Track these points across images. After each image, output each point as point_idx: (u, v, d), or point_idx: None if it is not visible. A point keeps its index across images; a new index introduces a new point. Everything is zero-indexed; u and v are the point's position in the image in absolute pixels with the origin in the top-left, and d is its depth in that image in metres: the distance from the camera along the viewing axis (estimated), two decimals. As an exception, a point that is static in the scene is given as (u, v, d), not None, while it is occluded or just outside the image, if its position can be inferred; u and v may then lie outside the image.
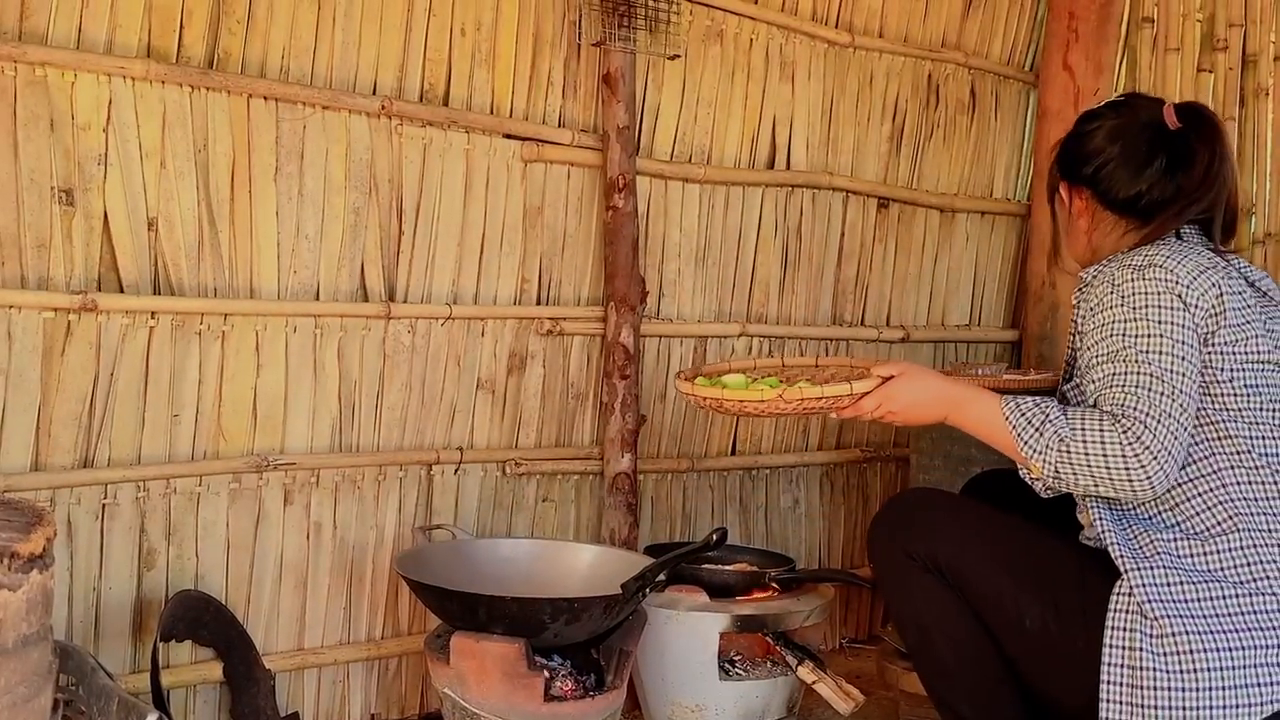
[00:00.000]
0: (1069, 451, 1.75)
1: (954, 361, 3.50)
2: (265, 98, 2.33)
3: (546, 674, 2.15)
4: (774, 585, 2.63)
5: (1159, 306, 1.80)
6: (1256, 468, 1.80)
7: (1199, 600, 1.74)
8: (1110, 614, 1.76)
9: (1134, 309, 1.81)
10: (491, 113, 2.64)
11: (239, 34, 2.31)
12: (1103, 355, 1.81)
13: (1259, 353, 1.84)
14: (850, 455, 3.33)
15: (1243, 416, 1.82)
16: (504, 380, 2.70)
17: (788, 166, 3.14)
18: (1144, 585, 1.75)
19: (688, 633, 2.49)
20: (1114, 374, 1.78)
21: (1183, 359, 1.77)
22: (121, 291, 2.21)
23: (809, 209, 3.18)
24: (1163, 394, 1.74)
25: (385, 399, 2.53)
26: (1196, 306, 1.80)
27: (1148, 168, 1.98)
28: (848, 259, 3.28)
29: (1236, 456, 1.81)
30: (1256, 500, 1.79)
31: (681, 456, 3.01)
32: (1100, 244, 2.06)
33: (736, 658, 2.55)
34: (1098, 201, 2.04)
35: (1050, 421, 1.78)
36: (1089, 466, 1.74)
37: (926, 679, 2.04)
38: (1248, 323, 1.84)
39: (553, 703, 2.12)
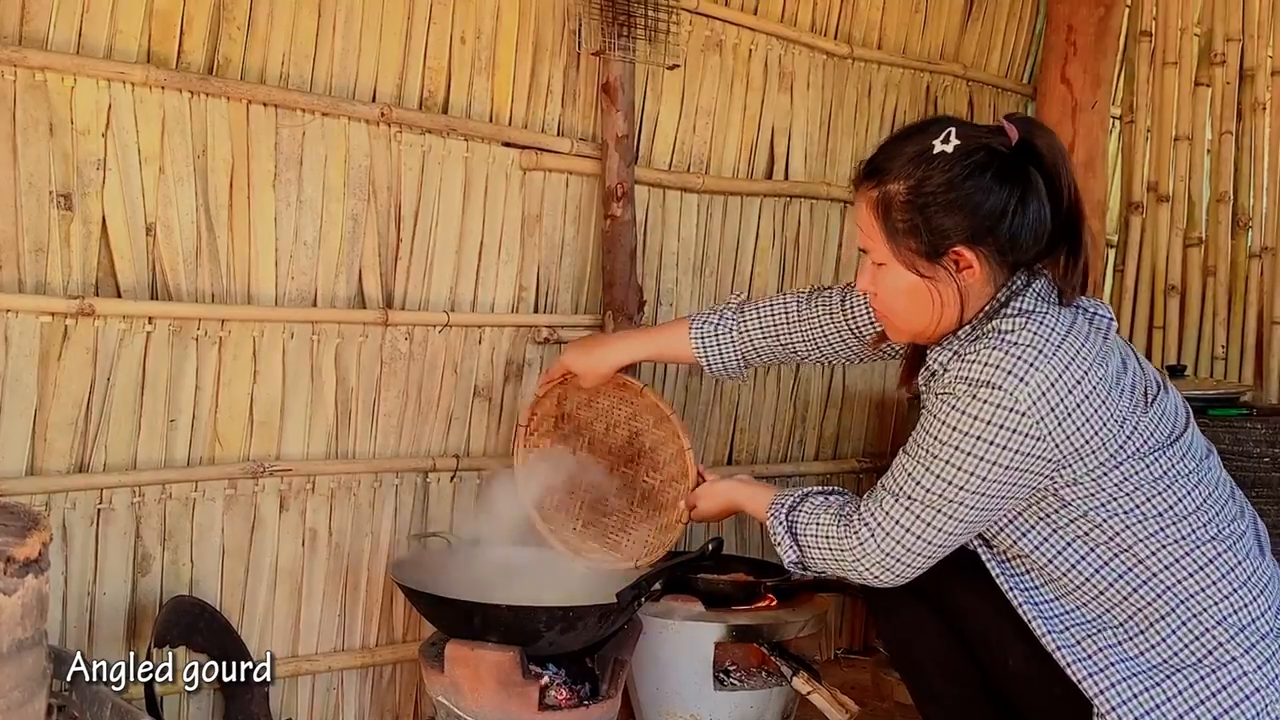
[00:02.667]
0: (809, 560, 1.87)
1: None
2: (265, 104, 2.33)
3: (541, 683, 2.15)
4: (769, 595, 2.63)
5: (976, 437, 1.66)
6: (1163, 529, 1.70)
7: (1171, 700, 1.68)
8: None
9: (953, 428, 1.68)
10: (491, 121, 2.64)
11: (239, 40, 2.31)
12: (905, 450, 1.78)
13: (1131, 431, 1.70)
14: (847, 465, 3.33)
15: (1133, 493, 1.70)
16: (501, 388, 2.70)
17: (786, 177, 3.15)
18: (1120, 712, 1.69)
19: (683, 642, 2.49)
20: (892, 473, 1.78)
21: (972, 492, 1.68)
22: (119, 296, 2.20)
23: (807, 219, 3.18)
24: (915, 516, 1.72)
25: (382, 406, 2.53)
26: (1028, 435, 1.65)
27: (1041, 205, 1.73)
28: (845, 269, 3.28)
29: (1141, 527, 1.70)
30: (1178, 563, 1.70)
31: (678, 465, 3.01)
32: (963, 309, 1.78)
33: (731, 667, 2.55)
34: (997, 259, 1.74)
35: (788, 549, 1.89)
36: (823, 560, 1.84)
37: (916, 700, 2.06)
38: (1108, 410, 1.68)
39: (547, 711, 2.12)
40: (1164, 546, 1.70)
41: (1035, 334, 1.67)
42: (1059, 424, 1.65)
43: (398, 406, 2.55)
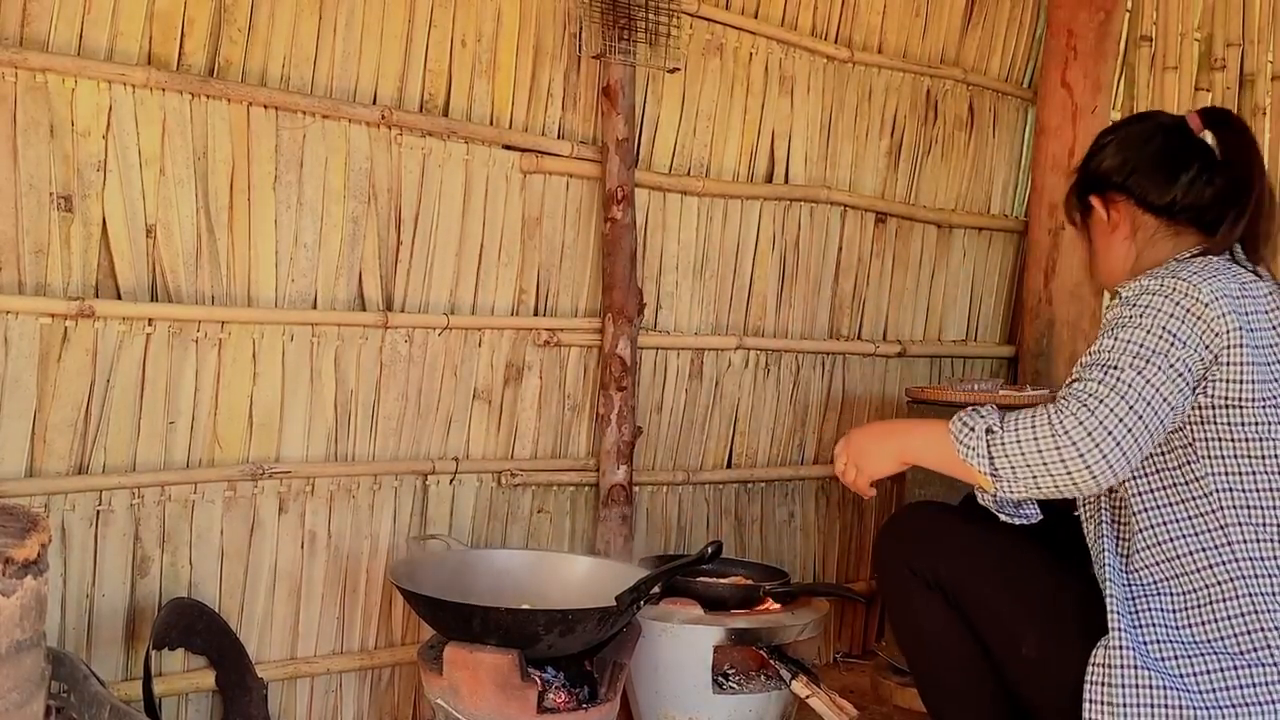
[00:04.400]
0: (1002, 443, 1.68)
1: (949, 377, 3.51)
2: (265, 106, 2.33)
3: (540, 685, 2.14)
4: (769, 599, 2.63)
5: (1157, 310, 1.71)
6: (1265, 525, 1.72)
7: (1193, 675, 1.68)
8: (1090, 667, 1.71)
9: (1141, 313, 1.73)
10: (491, 124, 2.65)
11: (240, 42, 2.31)
12: (1091, 350, 1.76)
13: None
14: (846, 469, 3.32)
15: (1253, 472, 1.73)
16: (500, 391, 2.70)
17: (786, 180, 3.15)
18: (1134, 647, 1.69)
19: (682, 646, 2.48)
20: (1082, 365, 1.74)
21: (1158, 353, 1.68)
22: (119, 298, 2.21)
23: (807, 223, 3.18)
24: (1117, 377, 1.66)
25: (381, 408, 2.53)
26: (1201, 318, 1.70)
27: (1182, 167, 1.90)
28: (845, 273, 3.28)
29: (1248, 513, 1.72)
30: (1262, 560, 1.71)
31: (677, 469, 3.01)
32: (1148, 253, 1.94)
33: (730, 671, 2.55)
34: (1137, 207, 1.94)
35: (984, 417, 1.73)
36: (1021, 453, 1.66)
37: (922, 692, 2.05)
38: (1265, 360, 1.73)
39: (546, 714, 2.12)
40: (1260, 540, 1.72)
41: (1218, 270, 1.78)
42: (1229, 330, 1.71)
43: (397, 409, 2.55)
